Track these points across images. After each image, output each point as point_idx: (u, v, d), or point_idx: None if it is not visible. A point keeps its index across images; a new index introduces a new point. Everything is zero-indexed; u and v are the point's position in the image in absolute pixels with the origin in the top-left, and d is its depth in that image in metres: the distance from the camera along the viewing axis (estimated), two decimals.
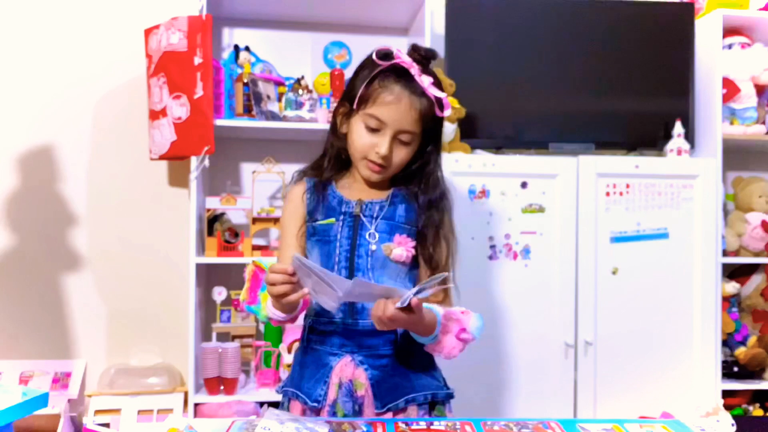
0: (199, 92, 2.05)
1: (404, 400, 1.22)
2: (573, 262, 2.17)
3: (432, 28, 2.24)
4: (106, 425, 2.12)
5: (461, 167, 2.13)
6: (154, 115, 2.15)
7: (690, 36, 2.40)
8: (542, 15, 2.36)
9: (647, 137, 2.40)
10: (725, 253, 2.33)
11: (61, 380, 2.30)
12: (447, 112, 1.24)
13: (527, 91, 2.36)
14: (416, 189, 1.28)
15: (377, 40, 2.44)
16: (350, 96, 1.25)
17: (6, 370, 2.29)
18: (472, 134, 2.29)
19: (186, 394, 2.19)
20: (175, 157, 2.18)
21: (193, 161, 2.12)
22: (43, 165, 2.37)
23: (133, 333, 2.42)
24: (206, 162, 2.11)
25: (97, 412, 2.16)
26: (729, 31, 2.43)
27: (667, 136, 2.33)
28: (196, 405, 2.13)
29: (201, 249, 2.19)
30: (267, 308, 1.21)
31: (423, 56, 1.24)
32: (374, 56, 1.21)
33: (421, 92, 1.21)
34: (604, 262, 2.18)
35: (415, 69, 1.21)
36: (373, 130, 1.22)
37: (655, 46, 2.40)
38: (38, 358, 2.35)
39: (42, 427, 2.08)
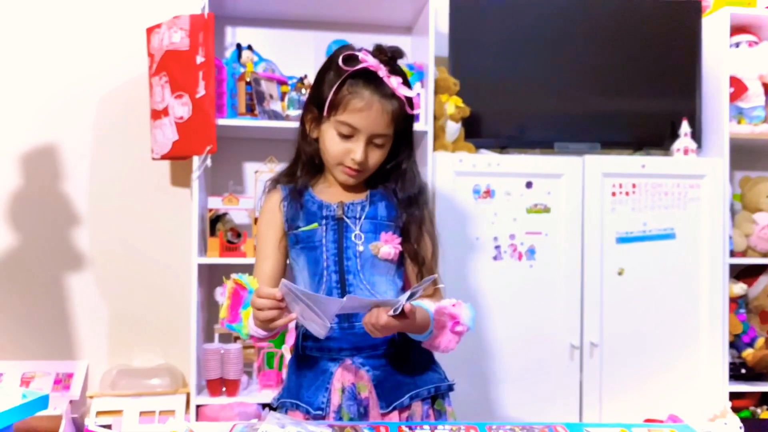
0: (201, 91, 2.04)
1: (408, 396, 1.21)
2: (578, 262, 2.15)
3: (436, 27, 2.21)
4: (108, 427, 2.11)
5: (465, 167, 2.11)
6: (156, 114, 2.14)
7: (697, 34, 2.38)
8: (547, 13, 2.34)
9: (654, 137, 2.38)
10: (732, 254, 2.31)
11: (63, 381, 2.29)
12: (417, 111, 1.23)
13: (532, 90, 2.34)
14: (394, 186, 1.28)
15: (381, 39, 2.34)
16: (318, 102, 1.22)
17: (8, 371, 2.28)
18: (477, 134, 2.27)
19: (188, 395, 2.18)
20: (177, 157, 2.17)
21: (195, 161, 2.10)
22: (44, 165, 2.36)
23: (135, 334, 2.40)
24: (208, 162, 2.09)
25: (98, 413, 2.15)
26: (736, 29, 2.40)
27: (674, 136, 2.31)
28: (198, 406, 2.12)
29: (203, 249, 2.17)
30: (249, 326, 1.18)
31: (390, 57, 1.21)
32: (339, 61, 1.18)
33: (391, 94, 1.19)
34: (609, 262, 2.16)
35: (383, 71, 1.19)
36: (346, 137, 1.20)
37: (662, 44, 2.37)
38: (40, 358, 2.33)
39: (44, 428, 2.07)
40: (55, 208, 2.37)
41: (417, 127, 2.16)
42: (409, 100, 1.22)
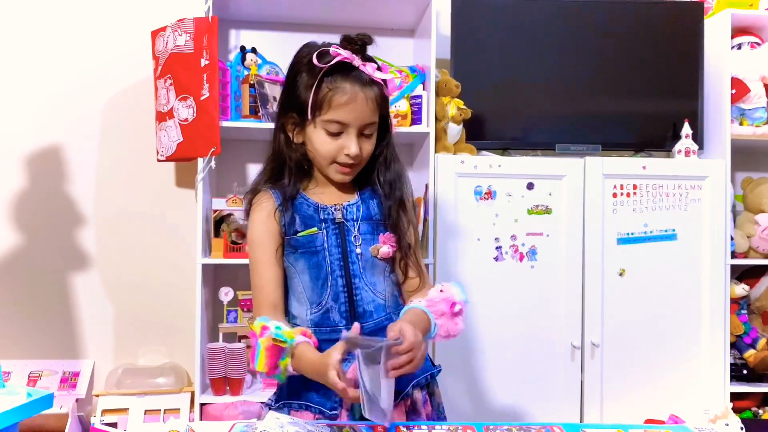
0: (206, 94, 2.06)
1: (411, 385, 1.23)
2: (579, 263, 2.16)
3: (438, 30, 2.23)
4: (114, 425, 2.13)
5: (467, 168, 2.13)
6: (161, 116, 2.16)
7: (699, 36, 2.38)
8: (549, 15, 2.35)
9: (655, 138, 2.39)
10: (734, 255, 2.31)
11: (69, 380, 2.32)
12: (394, 93, 1.21)
13: (534, 91, 2.35)
14: (376, 175, 1.28)
15: (383, 41, 2.38)
16: (296, 106, 1.21)
17: (15, 370, 2.31)
18: (478, 135, 2.29)
19: (193, 394, 2.20)
20: (182, 159, 2.19)
21: (200, 162, 2.12)
22: (51, 166, 2.39)
23: (141, 333, 2.43)
24: (213, 163, 2.11)
25: (104, 411, 2.18)
26: (738, 30, 2.41)
27: (676, 137, 2.32)
28: (202, 405, 2.14)
29: (207, 250, 2.19)
30: (287, 372, 1.14)
31: (360, 45, 1.20)
32: (314, 59, 1.16)
33: (369, 81, 1.20)
34: (611, 263, 2.17)
35: (357, 60, 1.19)
36: (336, 134, 1.20)
37: (664, 46, 2.38)
38: (47, 357, 2.37)
39: (50, 426, 2.10)
40: (61, 209, 2.40)
41: (419, 129, 2.18)
42: (385, 83, 1.22)
